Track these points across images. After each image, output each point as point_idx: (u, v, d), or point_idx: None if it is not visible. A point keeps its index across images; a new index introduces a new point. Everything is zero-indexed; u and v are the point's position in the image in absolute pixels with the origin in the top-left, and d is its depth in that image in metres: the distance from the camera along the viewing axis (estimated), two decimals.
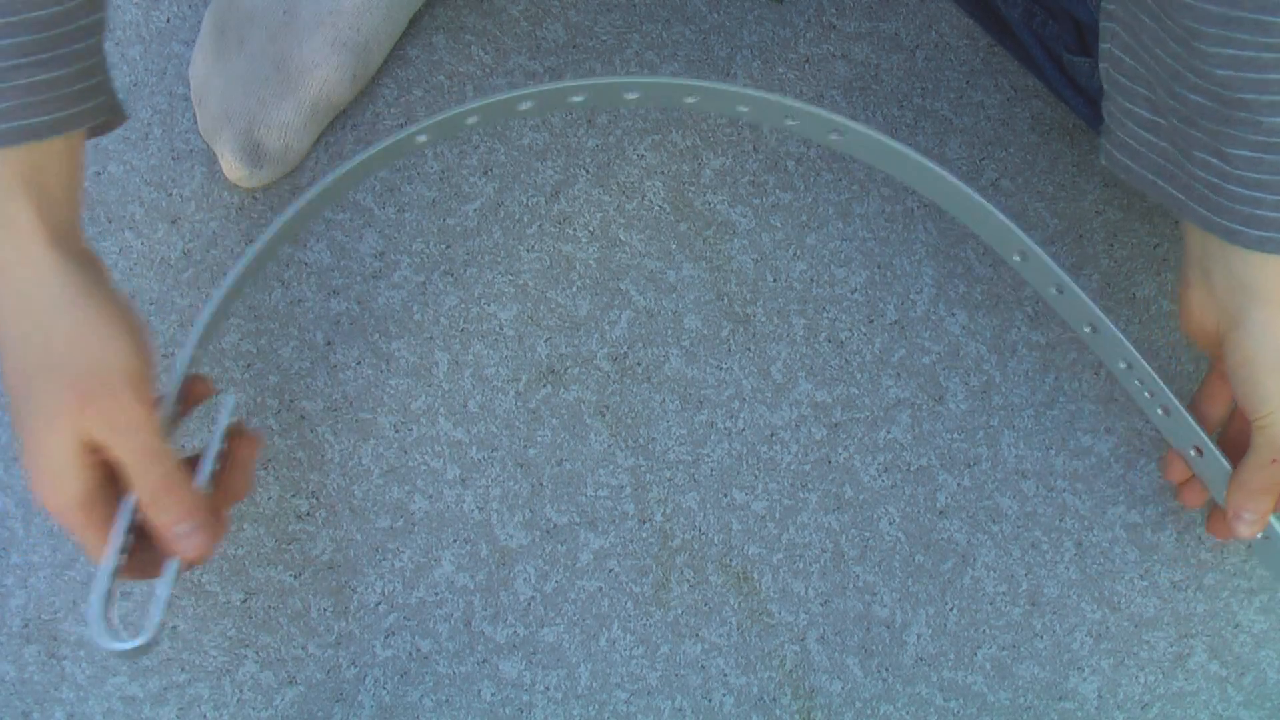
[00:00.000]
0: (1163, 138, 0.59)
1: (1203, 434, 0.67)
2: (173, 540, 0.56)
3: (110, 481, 0.55)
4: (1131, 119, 0.61)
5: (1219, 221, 0.59)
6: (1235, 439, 0.67)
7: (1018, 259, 0.70)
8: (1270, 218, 0.57)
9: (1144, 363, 0.67)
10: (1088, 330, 0.70)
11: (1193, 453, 0.68)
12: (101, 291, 0.55)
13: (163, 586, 0.57)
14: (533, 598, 0.69)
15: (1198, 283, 0.63)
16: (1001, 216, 0.68)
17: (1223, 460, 0.66)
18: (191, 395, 0.62)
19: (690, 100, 0.69)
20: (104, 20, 0.56)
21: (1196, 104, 0.56)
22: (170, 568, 0.57)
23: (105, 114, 0.56)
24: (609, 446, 0.71)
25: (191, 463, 0.59)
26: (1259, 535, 0.67)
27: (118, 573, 0.56)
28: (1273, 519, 0.66)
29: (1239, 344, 0.62)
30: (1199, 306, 0.64)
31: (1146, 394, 0.69)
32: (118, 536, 0.55)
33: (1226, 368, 0.63)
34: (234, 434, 0.62)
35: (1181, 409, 0.67)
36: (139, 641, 0.55)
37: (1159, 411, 0.68)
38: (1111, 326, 0.68)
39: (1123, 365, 0.69)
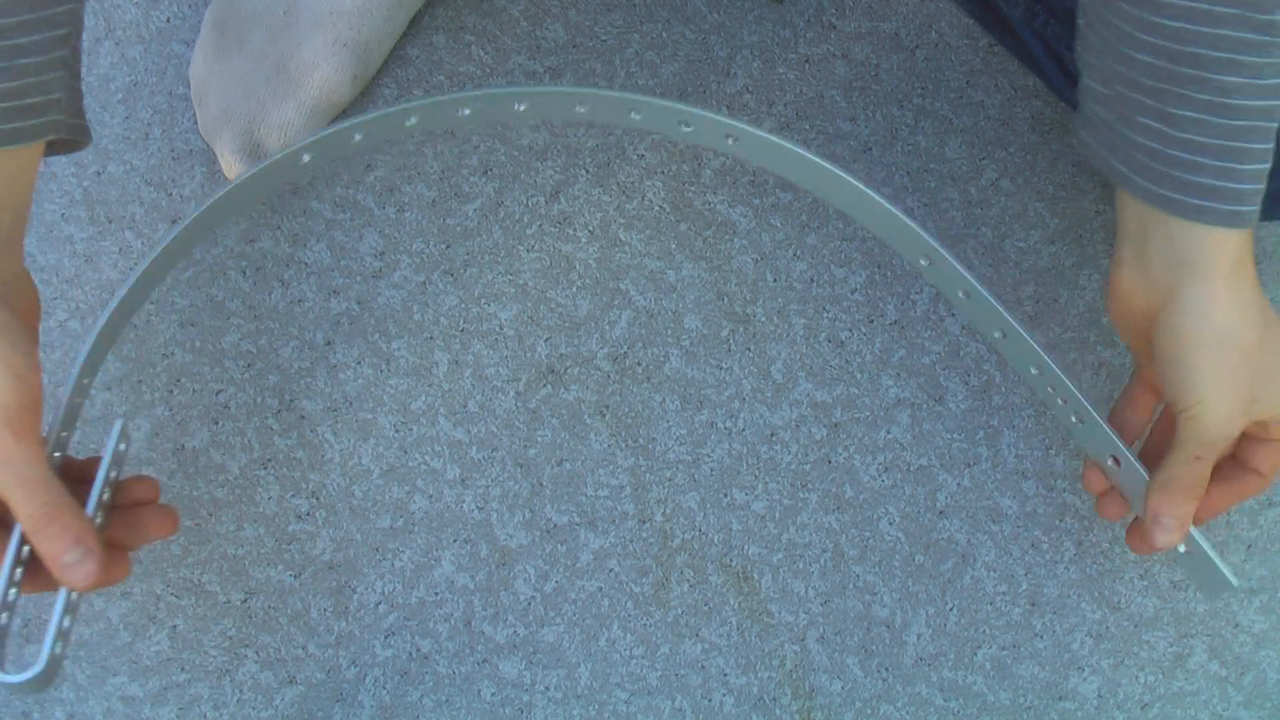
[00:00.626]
0: (1108, 108, 0.58)
1: (1118, 442, 0.63)
2: (59, 570, 0.54)
3: None
4: (1087, 94, 0.59)
5: (1156, 191, 0.56)
6: (1158, 449, 0.64)
7: (924, 263, 0.68)
8: (1210, 185, 0.55)
9: (1055, 368, 0.64)
10: (998, 335, 0.67)
11: (1110, 462, 0.64)
12: None
13: (55, 617, 0.55)
14: (533, 598, 0.69)
15: (1130, 261, 0.60)
16: (904, 218, 0.66)
17: (1140, 469, 0.62)
18: (129, 492, 0.60)
19: (581, 109, 0.68)
20: (67, 38, 0.54)
21: (1144, 64, 0.54)
22: (60, 597, 0.55)
23: (48, 133, 0.54)
24: (609, 446, 0.71)
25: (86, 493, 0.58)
26: (1180, 549, 0.63)
27: (9, 607, 0.55)
28: (1194, 531, 0.62)
29: (1170, 322, 0.58)
30: (1129, 286, 0.60)
31: (1060, 400, 0.66)
32: (6, 566, 0.54)
33: (1153, 353, 0.59)
34: (124, 479, 0.60)
35: (1095, 416, 0.64)
36: (29, 674, 0.53)
37: (1073, 419, 0.65)
38: (1021, 331, 0.65)
39: (1034, 371, 0.66)
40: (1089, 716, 0.68)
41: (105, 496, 0.57)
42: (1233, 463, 0.63)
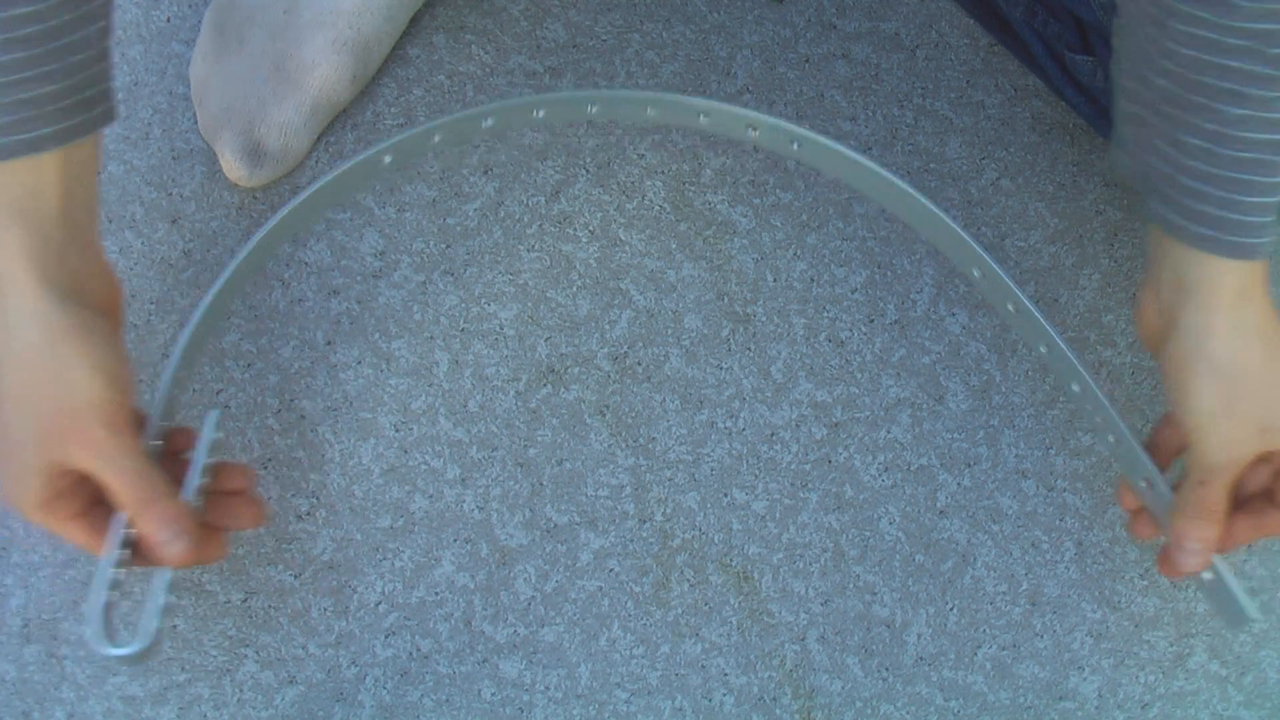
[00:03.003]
0: (1134, 127, 0.59)
1: (1150, 464, 0.64)
2: (157, 549, 0.58)
3: (80, 486, 0.58)
4: (1119, 113, 0.60)
5: (1166, 215, 0.57)
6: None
7: (976, 274, 0.70)
8: (1213, 214, 0.56)
9: (1095, 388, 0.66)
10: (1043, 350, 0.69)
11: (1143, 484, 0.65)
12: (80, 329, 0.57)
13: (155, 595, 0.60)
14: (533, 597, 0.69)
15: (1149, 282, 0.62)
16: (960, 232, 0.68)
17: (1169, 492, 0.63)
18: (176, 445, 0.64)
19: (652, 112, 0.71)
20: (106, 29, 0.56)
21: (1161, 88, 0.55)
22: (161, 576, 0.60)
23: (103, 123, 0.57)
24: (609, 446, 0.71)
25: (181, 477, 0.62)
26: (1205, 575, 0.64)
27: (115, 583, 0.59)
28: (1219, 561, 0.63)
29: (1172, 349, 0.60)
30: (1147, 307, 0.62)
31: (1099, 420, 0.67)
32: (112, 547, 0.58)
33: (1162, 376, 0.61)
34: (219, 465, 0.64)
35: (1130, 438, 0.65)
36: (134, 648, 0.58)
37: (1110, 439, 0.67)
38: (1064, 347, 0.67)
39: (1075, 387, 0.68)
40: (1089, 716, 0.68)
41: (202, 482, 0.62)
42: (1265, 499, 0.63)
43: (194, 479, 0.62)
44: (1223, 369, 0.58)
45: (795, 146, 0.73)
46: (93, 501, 0.59)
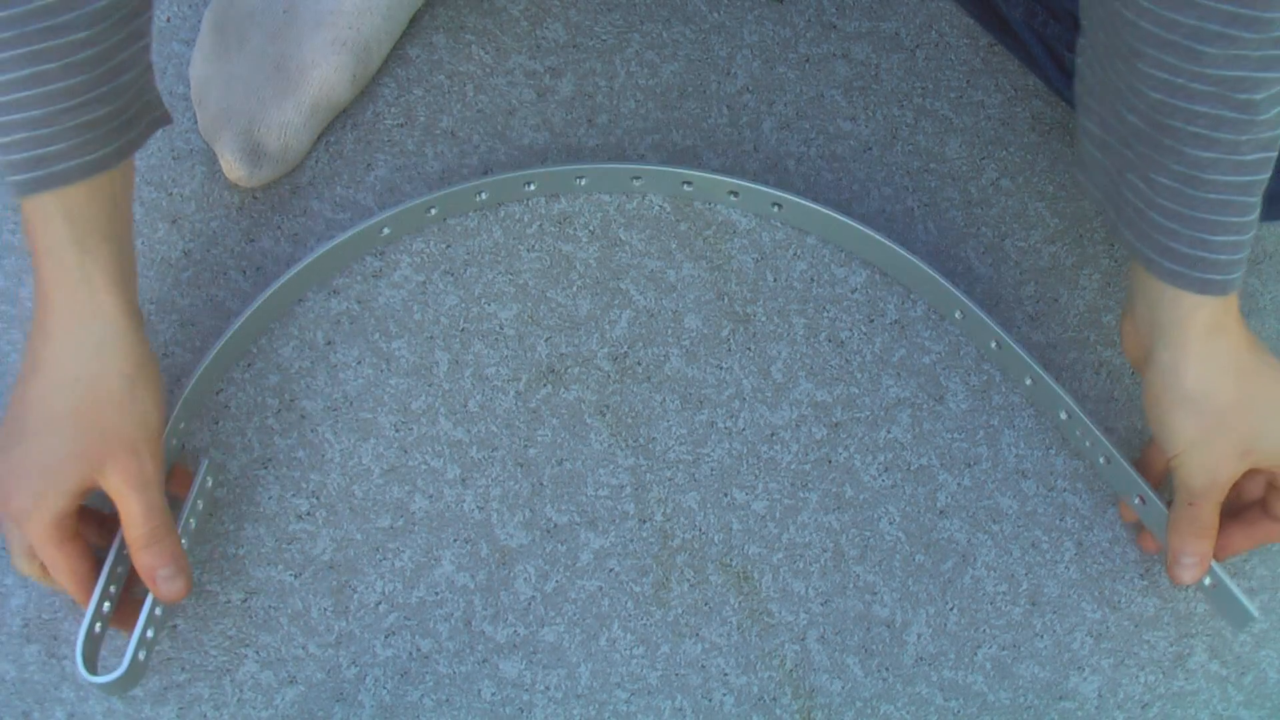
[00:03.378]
0: (1107, 155, 0.59)
1: (1142, 482, 0.67)
2: (156, 582, 0.61)
3: (76, 514, 0.61)
4: (1085, 134, 0.60)
5: (1139, 248, 0.58)
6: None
7: (958, 315, 0.72)
8: (1183, 252, 0.57)
9: (1081, 414, 0.68)
10: (1029, 383, 0.71)
11: (1137, 501, 0.68)
12: (152, 363, 0.61)
13: (139, 627, 0.63)
14: (533, 597, 0.69)
15: (1128, 311, 0.63)
16: (944, 282, 0.71)
17: (1162, 508, 0.66)
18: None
19: (581, 182, 0.74)
20: (149, 44, 0.58)
21: (1132, 125, 0.55)
22: (144, 610, 0.63)
23: (158, 128, 0.61)
24: (609, 446, 0.71)
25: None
26: (1206, 581, 0.67)
27: (103, 615, 0.62)
28: (1218, 567, 0.66)
29: (1148, 380, 0.62)
30: (1129, 337, 0.64)
31: (1088, 444, 0.69)
32: (104, 577, 0.62)
33: (1143, 404, 0.63)
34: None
35: (1121, 459, 0.67)
36: (114, 675, 0.61)
37: (1101, 460, 0.69)
38: (1049, 379, 0.69)
39: (1064, 415, 0.70)
40: (1089, 716, 0.68)
41: (191, 525, 0.66)
42: (1259, 509, 0.66)
43: (184, 519, 0.65)
44: (1197, 404, 0.60)
45: (776, 209, 0.74)
46: (77, 535, 0.61)
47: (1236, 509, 0.66)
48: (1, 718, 0.65)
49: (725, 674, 0.68)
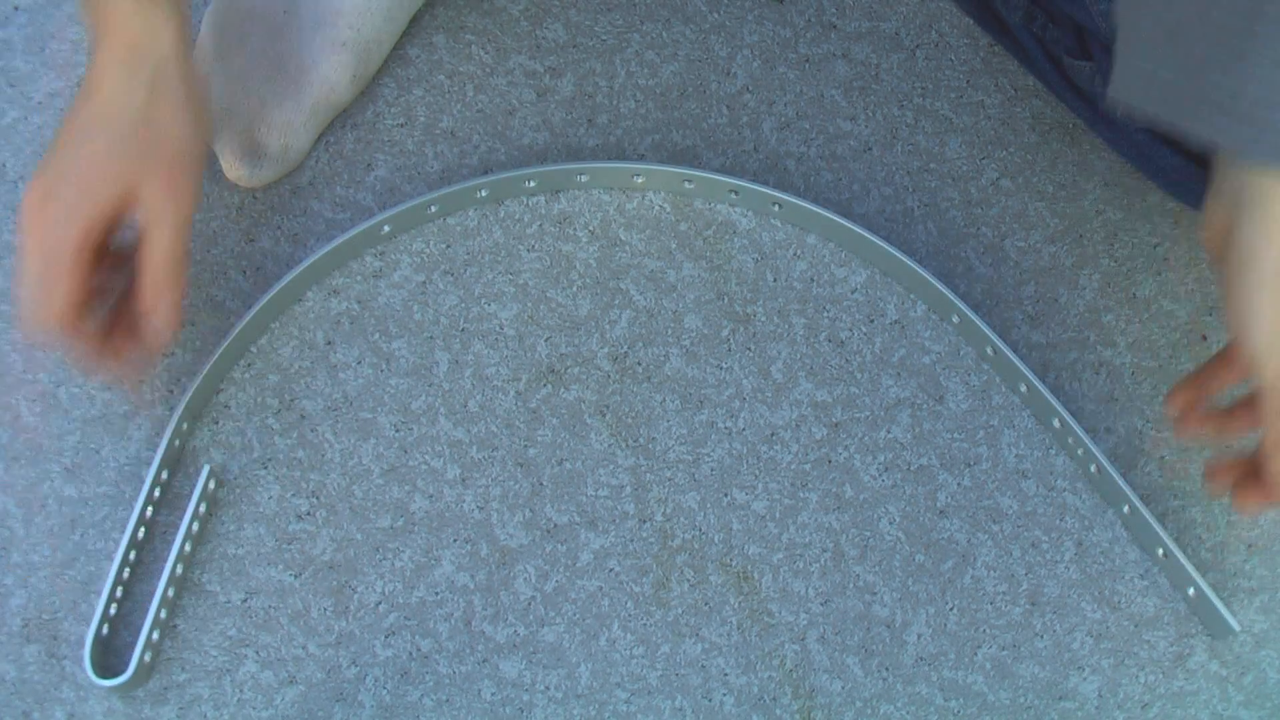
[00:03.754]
0: (1177, 49, 0.54)
1: (1132, 492, 0.69)
2: (151, 320, 0.63)
3: (103, 239, 0.63)
4: (1134, 43, 0.56)
5: (1231, 134, 0.54)
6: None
7: (955, 320, 0.73)
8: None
9: (1073, 423, 0.69)
10: (1024, 390, 0.72)
11: (1125, 510, 0.70)
12: (196, 82, 0.64)
13: (145, 630, 0.64)
14: (533, 598, 0.69)
15: (1214, 194, 0.59)
16: (941, 287, 0.71)
17: (1151, 519, 0.68)
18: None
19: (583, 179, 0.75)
20: None
21: (1225, 4, 0.51)
22: (149, 615, 0.64)
23: None
24: (609, 446, 0.71)
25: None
26: (1189, 591, 0.68)
27: (109, 619, 0.64)
28: (1200, 581, 0.67)
29: (1230, 269, 0.57)
30: (1211, 223, 0.59)
31: (1080, 452, 0.70)
32: (110, 581, 0.64)
33: (1223, 290, 0.58)
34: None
35: (1110, 468, 0.69)
36: (121, 679, 0.63)
37: (1093, 470, 0.70)
38: (1043, 389, 0.70)
39: (1056, 424, 0.71)
40: (1089, 716, 0.68)
41: (194, 528, 0.67)
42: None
43: (187, 523, 0.66)
44: (1277, 278, 0.56)
45: (777, 209, 0.75)
46: (94, 261, 0.62)
47: None
48: (1, 718, 0.65)
49: (725, 674, 0.68)
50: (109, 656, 0.66)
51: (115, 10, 0.61)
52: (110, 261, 0.65)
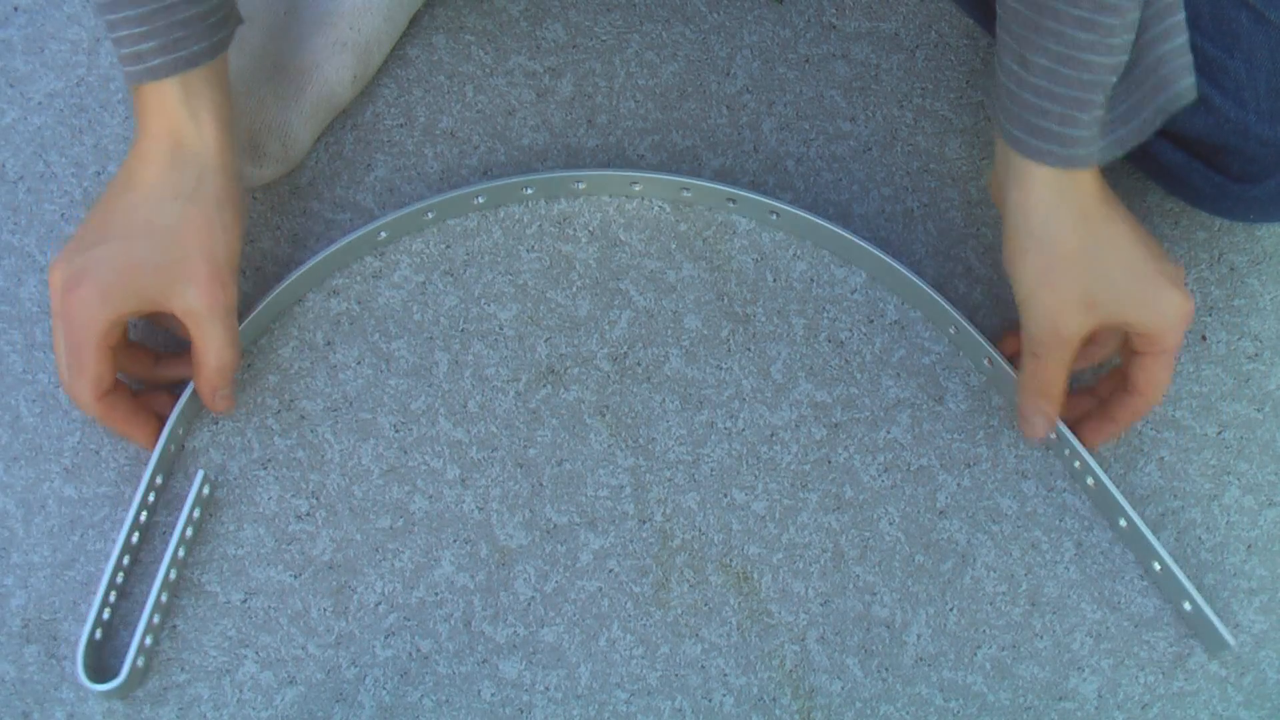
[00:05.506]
0: (998, 45, 0.62)
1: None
2: (215, 400, 0.66)
3: (126, 331, 0.66)
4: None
5: (1008, 128, 0.61)
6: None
7: (952, 331, 0.73)
8: (1053, 130, 0.59)
9: (1066, 431, 0.69)
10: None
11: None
12: (239, 188, 0.64)
13: (138, 635, 0.64)
14: (533, 598, 0.69)
15: (996, 162, 0.65)
16: (939, 298, 0.72)
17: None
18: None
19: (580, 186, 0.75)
20: None
21: (1013, 10, 0.58)
22: (142, 620, 0.64)
23: (236, 26, 0.64)
24: (609, 446, 0.71)
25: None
26: (1185, 606, 0.68)
27: (103, 623, 0.65)
28: (1198, 596, 0.67)
29: (1005, 224, 0.64)
30: (994, 187, 0.66)
31: (1076, 464, 0.70)
32: (104, 584, 0.64)
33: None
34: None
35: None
36: (114, 684, 0.63)
37: (1089, 482, 0.70)
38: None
39: (1052, 435, 0.70)
40: (1089, 716, 0.68)
41: (189, 534, 0.67)
42: (1119, 386, 0.67)
43: (182, 528, 0.66)
44: (1041, 246, 0.62)
45: (774, 217, 0.74)
46: (116, 352, 0.64)
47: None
48: (1, 718, 0.65)
49: (725, 674, 0.68)
50: (106, 659, 0.66)
51: (162, 98, 0.61)
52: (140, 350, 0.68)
